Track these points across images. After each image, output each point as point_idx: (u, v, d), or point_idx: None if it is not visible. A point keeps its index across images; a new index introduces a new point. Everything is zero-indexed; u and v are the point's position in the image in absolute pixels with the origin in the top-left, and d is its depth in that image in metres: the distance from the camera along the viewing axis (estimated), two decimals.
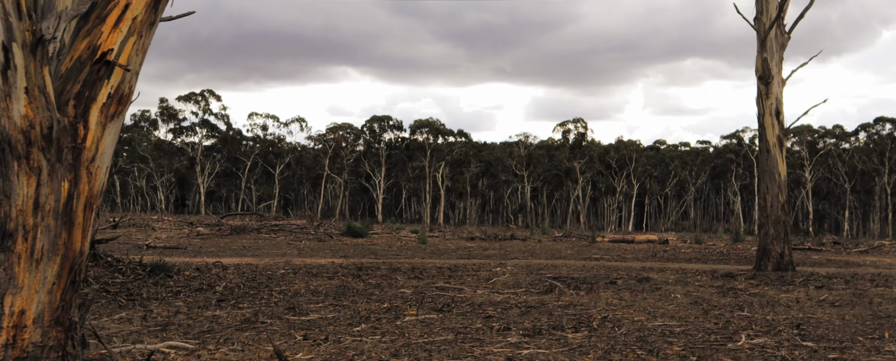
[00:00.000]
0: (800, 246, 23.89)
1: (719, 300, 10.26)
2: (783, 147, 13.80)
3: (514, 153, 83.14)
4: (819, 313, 9.30)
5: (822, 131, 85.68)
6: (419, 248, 20.34)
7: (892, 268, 17.70)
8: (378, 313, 8.75)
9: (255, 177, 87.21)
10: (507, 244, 23.03)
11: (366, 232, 24.25)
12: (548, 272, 13.26)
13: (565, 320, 8.50)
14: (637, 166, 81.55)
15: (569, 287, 11.27)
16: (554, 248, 21.49)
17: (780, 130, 13.76)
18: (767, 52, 13.77)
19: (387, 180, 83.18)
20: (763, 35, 13.83)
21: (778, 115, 13.74)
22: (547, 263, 15.40)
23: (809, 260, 19.30)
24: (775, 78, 13.72)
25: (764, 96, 13.84)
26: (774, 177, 13.67)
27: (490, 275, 12.48)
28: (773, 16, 13.62)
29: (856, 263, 19.06)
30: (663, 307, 9.62)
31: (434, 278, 12.13)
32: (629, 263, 16.80)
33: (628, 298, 10.35)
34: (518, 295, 10.52)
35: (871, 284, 12.15)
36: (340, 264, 14.25)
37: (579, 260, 17.25)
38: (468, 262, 15.31)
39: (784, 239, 13.52)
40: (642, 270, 13.84)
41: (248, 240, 21.72)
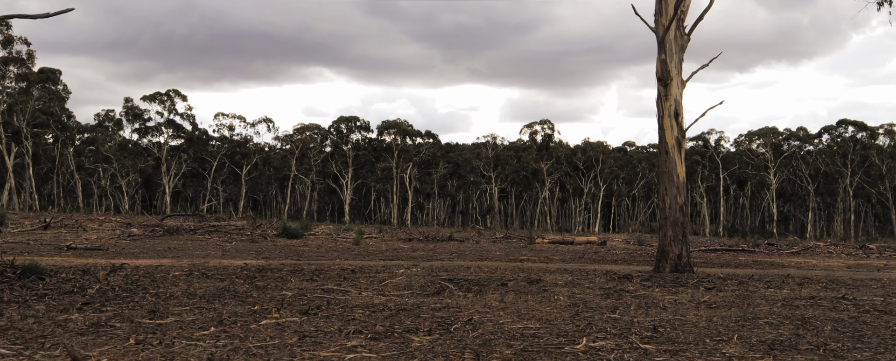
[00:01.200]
0: (733, 248, 24.06)
1: (599, 302, 10.25)
2: (682, 148, 13.83)
3: (482, 154, 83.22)
4: (690, 315, 9.31)
5: (787, 133, 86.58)
6: (349, 250, 20.22)
7: (812, 270, 17.84)
8: (240, 316, 8.63)
9: (223, 177, 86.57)
10: (441, 245, 22.97)
11: (302, 234, 24.09)
12: (453, 273, 13.20)
13: (427, 323, 8.43)
14: (604, 167, 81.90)
15: (460, 288, 11.21)
16: (487, 250, 21.46)
17: (678, 132, 13.79)
18: (666, 53, 13.80)
19: (354, 181, 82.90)
20: (661, 36, 13.86)
21: (677, 117, 13.77)
22: (463, 264, 15.34)
23: (735, 261, 19.41)
24: (674, 79, 13.75)
25: (663, 98, 13.87)
26: (673, 179, 13.70)
27: (389, 277, 12.40)
28: (670, 16, 13.65)
29: (779, 264, 19.21)
30: (539, 309, 9.58)
31: (330, 280, 12.03)
32: (551, 265, 16.79)
33: (510, 300, 10.31)
34: (402, 298, 10.45)
35: (763, 286, 12.20)
36: (250, 265, 14.10)
37: (503, 262, 17.21)
38: (382, 263, 15.22)
39: (682, 241, 13.54)
40: (546, 271, 13.81)
41: (178, 242, 21.48)
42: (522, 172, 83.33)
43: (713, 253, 22.49)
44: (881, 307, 10.67)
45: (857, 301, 11.29)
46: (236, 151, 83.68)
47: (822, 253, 23.01)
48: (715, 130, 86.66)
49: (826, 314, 9.71)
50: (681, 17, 13.95)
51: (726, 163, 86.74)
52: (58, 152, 74.03)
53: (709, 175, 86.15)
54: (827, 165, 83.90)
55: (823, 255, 22.49)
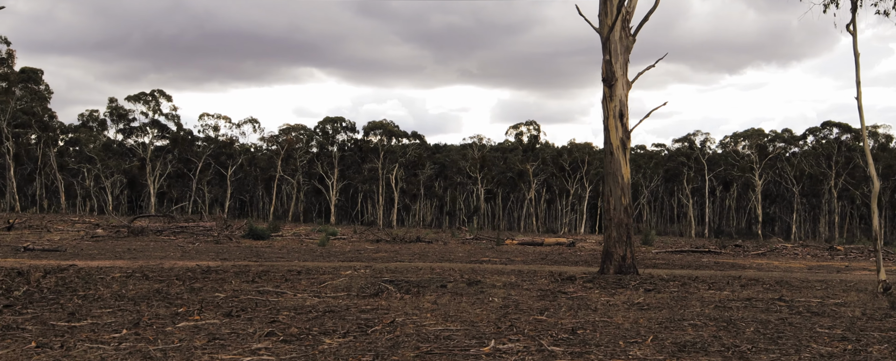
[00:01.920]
0: (700, 250, 24.06)
1: (532, 304, 10.22)
2: (627, 149, 13.82)
3: (469, 155, 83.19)
4: (618, 317, 9.29)
5: (772, 135, 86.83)
6: (312, 251, 20.16)
7: (770, 271, 17.87)
8: (161, 318, 8.57)
9: (208, 178, 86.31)
10: (408, 246, 22.94)
11: (268, 235, 24.02)
12: (402, 275, 13.16)
13: (348, 325, 8.38)
14: (590, 169, 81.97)
15: (399, 290, 11.17)
16: (452, 251, 21.43)
17: (623, 133, 13.78)
18: (611, 54, 13.78)
19: (340, 182, 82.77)
20: (605, 37, 13.85)
21: (622, 118, 13.76)
22: (419, 265, 15.30)
23: (696, 263, 19.42)
24: (619, 80, 13.74)
25: (608, 99, 13.85)
26: (617, 180, 13.69)
27: (333, 279, 12.35)
28: (613, 17, 13.64)
29: (740, 266, 19.23)
30: (469, 311, 9.55)
31: (272, 281, 11.97)
32: (508, 266, 16.79)
33: (444, 302, 10.28)
34: (336, 299, 10.41)
35: (706, 287, 12.20)
36: (201, 267, 14.04)
37: (462, 264, 17.19)
38: (335, 265, 15.17)
39: (626, 242, 13.53)
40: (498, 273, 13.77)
41: (142, 243, 21.39)
42: (509, 173, 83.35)
43: (679, 254, 22.50)
44: (815, 308, 10.68)
45: (793, 302, 11.30)
46: (222, 152, 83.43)
47: (788, 255, 23.04)
48: (700, 132, 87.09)
49: (756, 315, 9.71)
50: (626, 18, 13.95)
51: (712, 164, 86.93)
52: (40, 152, 73.73)
53: (694, 176, 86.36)
54: (811, 167, 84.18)
55: (789, 257, 22.52)
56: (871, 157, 12.50)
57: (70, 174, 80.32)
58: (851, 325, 9.28)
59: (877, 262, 12.24)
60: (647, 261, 19.51)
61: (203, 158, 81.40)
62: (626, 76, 13.91)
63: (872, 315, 10.34)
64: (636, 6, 14.01)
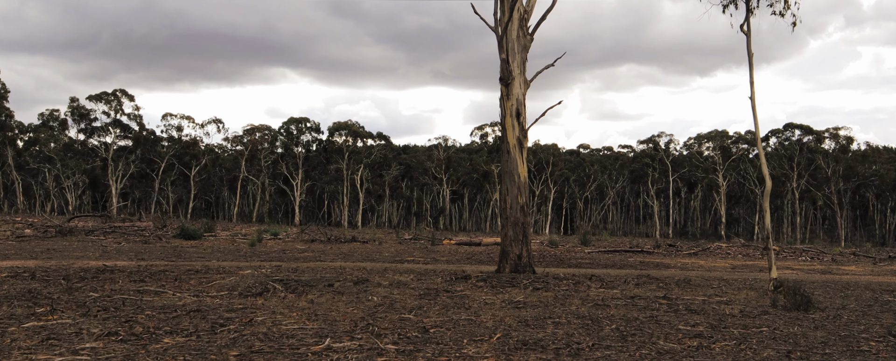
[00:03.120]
0: (633, 250, 24.21)
1: (409, 302, 10.19)
2: (523, 148, 13.84)
3: (434, 156, 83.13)
4: (487, 315, 9.28)
5: (736, 137, 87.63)
6: (237, 251, 19.99)
7: (689, 270, 17.97)
8: (13, 318, 8.43)
9: (172, 178, 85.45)
10: (339, 247, 22.84)
11: (200, 235, 23.81)
12: (302, 274, 13.07)
13: (206, 324, 8.30)
14: (555, 170, 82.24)
15: (287, 289, 11.08)
16: (381, 251, 21.36)
17: (520, 131, 13.80)
18: (508, 52, 13.79)
19: (305, 183, 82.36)
20: (501, 35, 13.87)
21: (518, 117, 13.77)
22: (334, 265, 15.21)
23: (620, 262, 19.50)
24: (516, 79, 13.75)
25: (505, 98, 13.86)
26: (514, 179, 13.70)
27: (225, 278, 12.24)
28: (507, 16, 13.65)
29: (663, 265, 19.34)
30: (341, 309, 9.49)
31: (163, 281, 11.83)
32: (429, 265, 16.77)
33: (322, 300, 10.22)
34: (214, 299, 10.30)
35: (598, 285, 12.25)
36: (107, 266, 13.86)
37: (382, 263, 17.14)
38: (241, 264, 15.05)
39: (522, 241, 13.54)
40: (405, 272, 13.73)
41: (67, 243, 21.09)
42: (474, 174, 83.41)
43: (610, 254, 22.61)
44: (695, 307, 10.74)
45: (676, 301, 11.37)
46: (185, 152, 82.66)
47: (719, 255, 23.23)
48: (665, 133, 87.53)
49: (627, 313, 9.74)
50: (524, 17, 13.96)
51: (676, 166, 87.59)
52: None
53: (659, 178, 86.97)
54: (774, 168, 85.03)
55: (719, 256, 22.70)
56: (764, 157, 12.61)
57: (29, 174, 79.19)
58: (719, 322, 9.35)
59: (768, 260, 12.35)
60: (571, 261, 19.59)
61: (166, 158, 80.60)
62: (524, 75, 13.91)
63: (750, 313, 10.42)
64: (535, 5, 14.04)
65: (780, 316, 10.18)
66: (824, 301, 12.07)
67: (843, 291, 13.49)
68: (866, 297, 12.86)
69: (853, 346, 8.10)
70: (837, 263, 23.26)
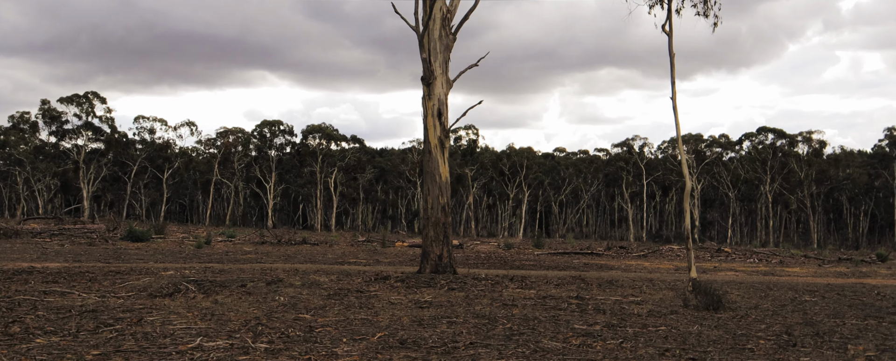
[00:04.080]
0: (583, 252, 24.30)
1: (315, 302, 10.14)
2: (445, 148, 13.84)
3: (408, 159, 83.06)
4: (385, 315, 9.25)
5: (710, 140, 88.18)
6: (180, 253, 19.85)
7: (630, 271, 18.00)
8: None
9: (145, 181, 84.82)
10: (286, 248, 22.74)
11: (148, 237, 23.63)
12: (228, 275, 12.97)
13: (92, 324, 8.21)
14: (529, 173, 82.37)
15: (199, 290, 10.99)
16: (326, 253, 21.28)
17: (441, 132, 13.79)
18: (430, 52, 13.79)
19: (278, 186, 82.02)
20: (421, 35, 13.86)
21: (440, 117, 13.77)
22: (267, 266, 15.12)
23: (564, 263, 19.54)
24: (438, 79, 13.75)
25: (426, 97, 13.86)
26: (435, 179, 13.69)
27: (140, 278, 12.12)
28: (427, 15, 13.64)
29: (607, 267, 19.37)
30: (239, 309, 9.43)
31: (76, 282, 11.70)
32: (367, 267, 16.73)
33: (227, 301, 10.15)
34: (119, 299, 10.21)
35: (516, 286, 12.25)
36: (35, 268, 13.71)
37: (326, 265, 17.09)
38: (176, 265, 14.91)
39: (444, 242, 13.53)
40: (335, 273, 13.66)
41: (10, 244, 20.87)
42: None
43: (558, 256, 22.66)
44: (604, 307, 10.76)
45: (589, 301, 11.39)
46: (158, 155, 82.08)
47: (668, 257, 23.32)
48: (639, 137, 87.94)
49: (531, 313, 9.74)
50: (447, 17, 13.97)
51: (651, 169, 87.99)
52: None
53: (633, 181, 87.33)
54: (747, 172, 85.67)
55: (667, 258, 22.79)
56: (684, 157, 12.67)
57: None
58: (620, 322, 9.36)
59: (688, 261, 12.39)
60: (515, 262, 19.60)
61: (138, 161, 79.99)
62: (447, 75, 13.91)
63: (657, 312, 10.45)
64: (459, 6, 14.05)
65: (687, 316, 10.21)
66: (740, 302, 12.13)
67: (766, 291, 13.57)
68: (785, 297, 12.94)
69: (740, 344, 8.13)
70: (784, 265, 23.42)
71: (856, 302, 12.68)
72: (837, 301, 12.86)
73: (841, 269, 22.12)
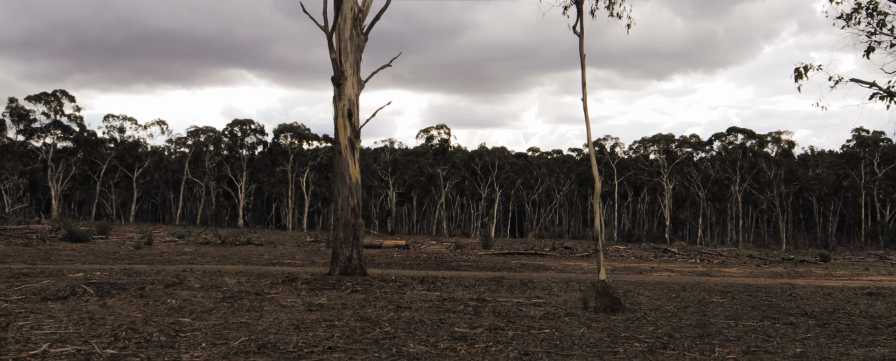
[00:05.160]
0: (527, 252, 24.33)
1: (208, 305, 10.09)
2: (356, 149, 13.81)
3: (381, 159, 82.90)
4: (268, 318, 9.20)
5: (681, 140, 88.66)
6: (115, 253, 19.66)
7: (569, 272, 18.04)
8: None
9: (115, 180, 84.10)
10: (229, 249, 22.62)
11: (88, 237, 23.42)
12: (134, 277, 12.85)
13: None
14: (501, 173, 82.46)
15: (97, 292, 10.89)
16: (264, 253, 21.18)
17: (351, 132, 13.76)
18: (340, 52, 13.75)
19: (250, 185, 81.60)
20: (330, 34, 13.82)
21: (350, 117, 13.74)
22: (192, 268, 15.00)
23: (501, 264, 19.55)
24: (349, 79, 13.72)
25: (337, 98, 13.82)
26: (346, 180, 13.66)
27: (40, 281, 11.98)
28: (335, 15, 13.60)
29: (545, 267, 19.41)
30: (123, 314, 9.34)
31: None
32: (294, 268, 16.65)
33: (116, 304, 10.07)
34: (5, 303, 10.07)
35: (423, 288, 12.25)
36: None
37: (260, 266, 17.03)
38: (96, 267, 14.76)
39: (353, 243, 13.51)
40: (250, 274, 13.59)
41: None
42: (421, 177, 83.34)
43: (502, 256, 22.70)
44: (500, 309, 10.78)
45: (489, 303, 11.41)
46: (128, 154, 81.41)
47: (612, 257, 23.41)
48: (610, 137, 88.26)
49: (422, 316, 9.73)
50: (359, 16, 13.94)
51: (623, 169, 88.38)
52: None
53: (605, 181, 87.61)
54: (717, 172, 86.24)
55: (610, 259, 22.87)
56: (594, 159, 12.70)
57: None
58: (507, 324, 9.38)
59: (597, 262, 12.44)
60: (450, 263, 19.60)
61: (108, 160, 79.29)
62: (358, 75, 13.87)
63: (553, 315, 10.48)
64: (371, 5, 14.02)
65: (581, 318, 10.25)
66: (646, 304, 12.19)
67: (679, 293, 13.65)
68: (695, 299, 13.03)
69: (612, 347, 8.16)
70: (725, 265, 23.59)
71: (763, 303, 12.78)
72: (746, 302, 12.96)
73: (778, 270, 22.30)
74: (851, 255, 39.54)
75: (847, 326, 10.50)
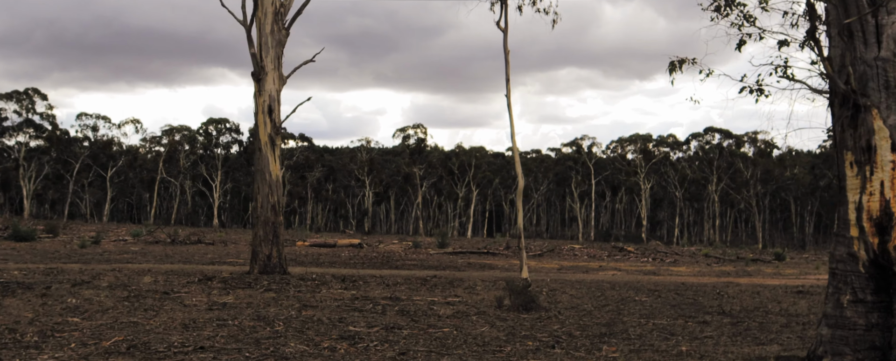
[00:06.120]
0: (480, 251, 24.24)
1: (107, 304, 9.91)
2: (276, 146, 13.67)
3: (357, 158, 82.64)
4: (164, 317, 9.04)
5: (658, 140, 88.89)
6: (58, 253, 19.41)
7: (510, 271, 17.93)
8: None
9: (89, 179, 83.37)
10: (178, 248, 22.40)
11: (34, 236, 23.14)
12: (53, 276, 12.63)
13: None
14: (478, 172, 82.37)
15: (3, 291, 10.67)
16: (209, 253, 20.97)
17: (272, 129, 13.62)
18: (260, 47, 13.60)
19: (225, 184, 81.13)
20: (249, 29, 13.66)
21: (271, 113, 13.59)
22: (129, 267, 14.80)
23: (447, 263, 19.45)
24: (270, 75, 13.57)
25: (257, 94, 13.67)
26: (266, 177, 13.52)
27: None
28: (255, 9, 13.45)
29: (490, 266, 19.30)
30: (14, 314, 9.17)
31: None
32: (233, 267, 16.45)
33: (15, 303, 9.87)
34: None
35: (342, 287, 12.10)
36: None
37: (198, 266, 16.85)
38: (29, 266, 14.53)
39: (273, 241, 13.36)
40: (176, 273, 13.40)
41: None
42: (397, 177, 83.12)
43: (454, 255, 22.59)
44: (411, 308, 10.69)
45: (403, 302, 11.32)
46: (101, 153, 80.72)
47: (565, 256, 23.36)
48: (588, 136, 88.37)
49: (325, 315, 9.61)
50: (281, 11, 13.78)
51: (600, 168, 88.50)
52: None
53: (582, 181, 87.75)
54: (694, 172, 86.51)
55: (563, 257, 22.82)
56: (518, 157, 12.62)
57: None
58: (409, 323, 9.26)
59: (520, 261, 12.34)
60: (397, 262, 19.47)
61: (81, 159, 78.57)
62: (279, 70, 13.73)
63: (464, 313, 10.38)
64: (293, 1, 13.87)
65: (491, 317, 10.15)
66: (567, 302, 12.11)
67: (605, 292, 13.59)
68: (619, 297, 12.98)
69: (503, 347, 8.05)
70: (676, 264, 23.58)
71: (686, 302, 12.73)
72: (670, 301, 12.91)
73: (728, 268, 22.31)
74: (816, 255, 39.71)
75: (759, 324, 10.45)
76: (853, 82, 5.98)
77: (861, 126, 5.99)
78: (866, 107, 5.94)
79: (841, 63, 6.11)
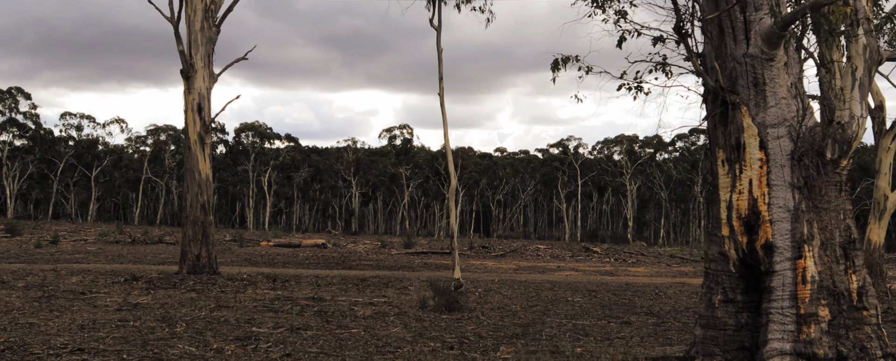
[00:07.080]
0: (442, 251, 24.09)
1: (15, 304, 9.75)
2: (206, 144, 13.55)
3: (344, 158, 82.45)
4: (68, 317, 8.91)
5: (643, 141, 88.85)
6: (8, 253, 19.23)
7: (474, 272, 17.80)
8: None
9: (74, 179, 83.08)
10: (136, 247, 22.27)
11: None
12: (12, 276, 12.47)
13: None
14: (464, 173, 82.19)
15: None
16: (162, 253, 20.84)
17: (201, 127, 13.50)
18: (189, 45, 13.47)
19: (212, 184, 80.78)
20: (177, 25, 13.54)
21: (200, 111, 13.47)
22: (68, 266, 14.63)
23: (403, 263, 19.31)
24: (199, 72, 13.45)
25: (187, 91, 13.55)
26: (195, 176, 13.40)
27: None
28: (183, 5, 13.32)
29: (447, 266, 19.17)
30: None
31: None
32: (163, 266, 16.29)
33: None
34: None
35: (269, 287, 11.99)
36: None
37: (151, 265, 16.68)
38: None
39: (202, 241, 13.24)
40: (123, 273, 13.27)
41: None
42: (383, 177, 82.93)
43: (413, 256, 22.48)
44: (332, 308, 10.59)
45: (326, 302, 11.21)
46: (86, 152, 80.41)
47: (527, 256, 23.25)
48: (574, 137, 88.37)
49: (235, 315, 9.51)
50: (211, 8, 13.65)
51: (587, 169, 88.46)
52: None
53: (569, 181, 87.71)
54: (680, 173, 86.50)
55: (525, 258, 22.72)
56: (451, 156, 12.48)
57: None
58: (319, 324, 9.17)
59: (453, 261, 12.23)
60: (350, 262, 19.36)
61: (65, 159, 78.26)
62: (210, 68, 13.61)
63: (384, 314, 10.28)
64: None
65: (411, 317, 10.05)
66: (495, 303, 12.01)
67: (539, 292, 13.49)
68: (552, 298, 12.89)
69: (402, 347, 7.94)
70: (637, 264, 23.48)
71: (619, 303, 12.63)
72: (603, 301, 12.81)
73: (687, 269, 22.24)
74: None
75: (682, 324, 10.38)
76: (722, 79, 5.88)
77: (731, 123, 5.90)
78: (736, 105, 5.85)
79: (712, 59, 6.01)
